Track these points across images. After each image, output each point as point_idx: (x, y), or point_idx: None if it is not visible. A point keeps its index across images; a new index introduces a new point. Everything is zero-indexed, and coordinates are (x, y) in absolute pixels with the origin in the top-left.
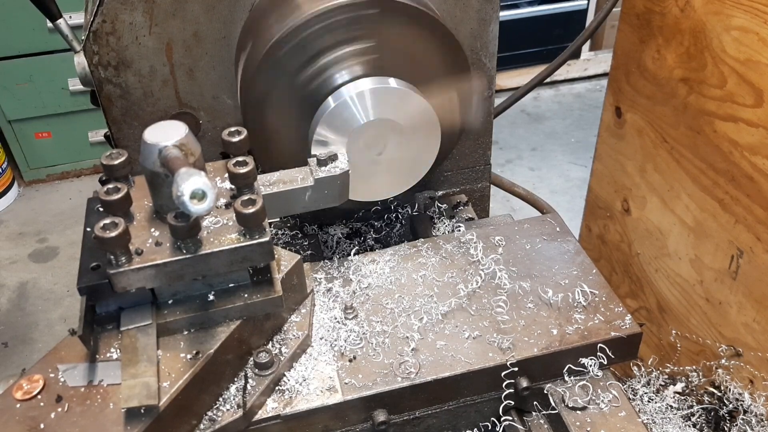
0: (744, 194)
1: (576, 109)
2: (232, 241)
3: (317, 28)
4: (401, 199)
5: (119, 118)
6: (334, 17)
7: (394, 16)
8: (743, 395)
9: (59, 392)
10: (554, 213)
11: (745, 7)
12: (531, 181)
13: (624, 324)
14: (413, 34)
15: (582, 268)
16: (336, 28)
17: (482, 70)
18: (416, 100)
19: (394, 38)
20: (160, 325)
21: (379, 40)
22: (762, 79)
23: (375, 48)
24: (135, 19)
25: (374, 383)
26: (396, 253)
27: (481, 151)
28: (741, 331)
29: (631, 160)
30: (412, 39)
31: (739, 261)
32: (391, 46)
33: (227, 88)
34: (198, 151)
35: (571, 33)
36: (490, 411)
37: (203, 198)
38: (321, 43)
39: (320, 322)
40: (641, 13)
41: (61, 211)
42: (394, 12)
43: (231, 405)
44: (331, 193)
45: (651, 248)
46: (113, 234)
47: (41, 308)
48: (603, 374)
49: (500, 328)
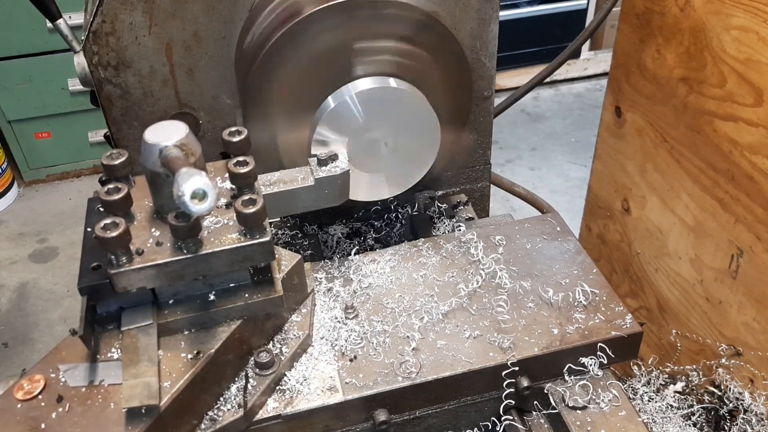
0: (744, 194)
1: (576, 109)
2: (233, 241)
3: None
4: (401, 199)
5: (119, 119)
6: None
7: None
8: (743, 394)
9: (60, 392)
10: (555, 212)
11: (745, 7)
12: (531, 181)
13: (625, 323)
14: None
15: (582, 268)
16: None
17: (482, 70)
18: (416, 100)
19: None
20: (161, 325)
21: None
22: (762, 78)
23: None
24: (135, 19)
25: (375, 383)
26: (396, 252)
27: (481, 151)
28: (741, 330)
29: (631, 159)
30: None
31: (739, 260)
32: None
33: (227, 88)
34: (198, 151)
35: (571, 33)
36: (490, 411)
37: (204, 198)
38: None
39: (321, 322)
40: (641, 13)
41: (61, 211)
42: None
43: (232, 405)
44: (332, 193)
45: (651, 248)
46: (114, 234)
47: (41, 308)
48: (603, 374)
49: (501, 327)
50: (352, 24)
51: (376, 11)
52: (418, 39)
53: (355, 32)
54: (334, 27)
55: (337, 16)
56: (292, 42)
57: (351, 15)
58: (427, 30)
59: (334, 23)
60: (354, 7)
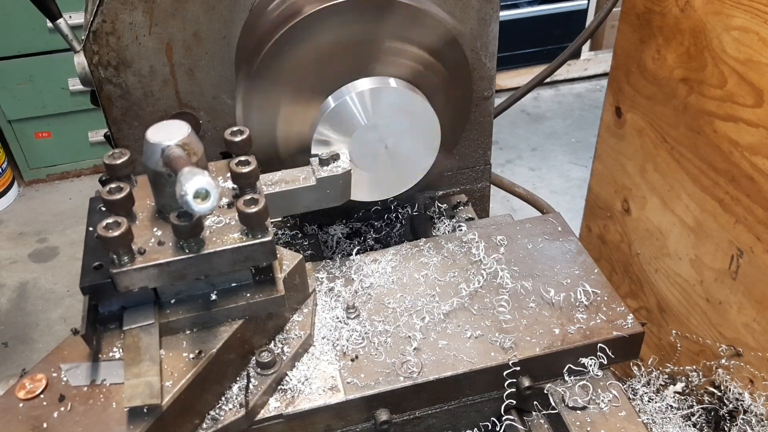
0: (744, 194)
1: (576, 109)
2: (235, 241)
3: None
4: (401, 199)
5: (119, 118)
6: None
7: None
8: (743, 395)
9: (62, 392)
10: (556, 213)
11: (745, 7)
12: (531, 181)
13: (626, 323)
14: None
15: (584, 268)
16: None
17: (482, 70)
18: (416, 101)
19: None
20: (163, 325)
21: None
22: (762, 79)
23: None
24: (135, 19)
25: (376, 383)
26: (398, 252)
27: (481, 151)
28: (741, 331)
29: (631, 160)
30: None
31: (739, 261)
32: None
33: (227, 88)
34: (201, 151)
35: (571, 33)
36: (490, 411)
37: (207, 197)
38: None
39: (322, 322)
40: (641, 13)
41: (61, 211)
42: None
43: (233, 404)
44: (333, 193)
45: (651, 248)
46: (116, 233)
47: (41, 308)
48: (603, 374)
49: (502, 327)
50: (390, 22)
51: (412, 16)
52: (441, 54)
53: (388, 30)
54: (368, 20)
55: (373, 10)
56: (323, 21)
57: (393, 12)
58: (449, 48)
59: (369, 16)
60: (396, 7)
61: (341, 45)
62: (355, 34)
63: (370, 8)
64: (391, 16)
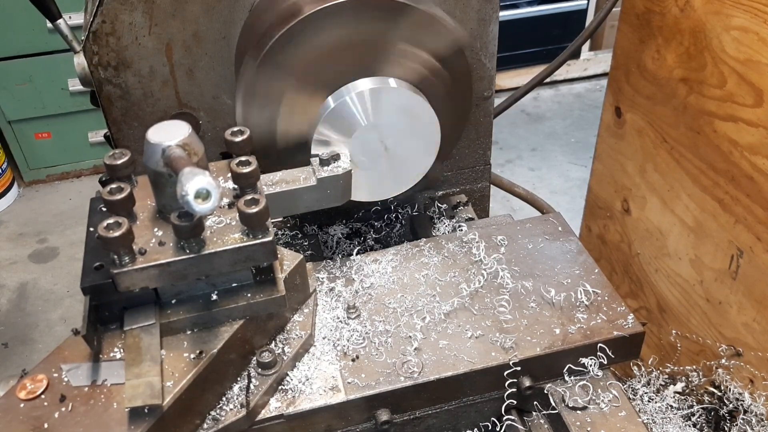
0: (744, 194)
1: (576, 109)
2: (236, 241)
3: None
4: (401, 199)
5: (119, 119)
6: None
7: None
8: (743, 395)
9: (63, 392)
10: (556, 213)
11: (745, 7)
12: (531, 182)
13: (626, 323)
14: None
15: (584, 268)
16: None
17: (482, 71)
18: (416, 101)
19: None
20: (164, 325)
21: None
22: (762, 79)
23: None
24: (135, 19)
25: (377, 383)
26: (398, 252)
27: (481, 152)
28: (741, 331)
29: (631, 160)
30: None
31: (739, 261)
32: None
33: (227, 89)
34: (201, 151)
35: (571, 33)
36: (490, 411)
37: (208, 197)
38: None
39: (323, 322)
40: (641, 13)
41: (61, 212)
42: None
43: (234, 404)
44: (334, 193)
45: (651, 248)
46: (117, 234)
47: (41, 309)
48: (603, 374)
49: (503, 327)
50: (403, 23)
51: (427, 22)
52: (447, 61)
53: (400, 33)
54: (380, 21)
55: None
56: (330, 19)
57: (406, 15)
58: (455, 56)
59: (383, 17)
60: (410, 12)
61: (353, 41)
62: (370, 32)
63: (385, 9)
64: (404, 20)
